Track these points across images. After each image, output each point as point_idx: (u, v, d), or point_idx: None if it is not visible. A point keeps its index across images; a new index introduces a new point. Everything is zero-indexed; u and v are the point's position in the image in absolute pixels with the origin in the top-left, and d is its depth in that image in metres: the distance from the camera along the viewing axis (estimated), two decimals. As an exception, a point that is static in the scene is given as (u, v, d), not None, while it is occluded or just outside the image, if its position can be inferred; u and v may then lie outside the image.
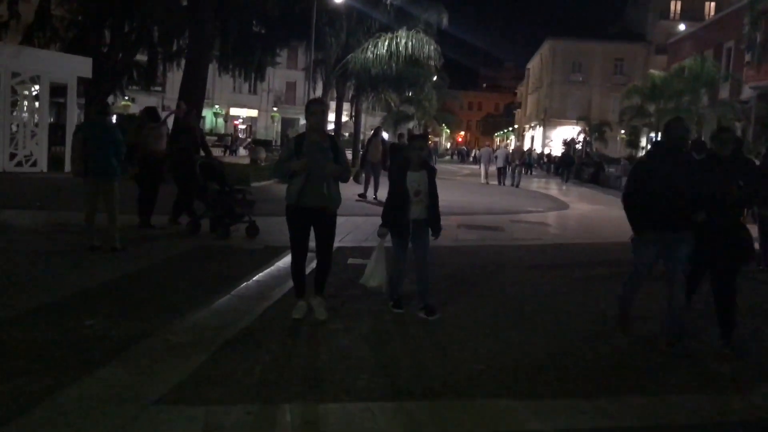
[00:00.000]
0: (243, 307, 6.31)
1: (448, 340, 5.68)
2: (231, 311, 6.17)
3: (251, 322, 5.81)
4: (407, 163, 6.32)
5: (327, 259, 6.14)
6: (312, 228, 5.94)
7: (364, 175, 18.04)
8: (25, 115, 20.31)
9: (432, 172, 6.37)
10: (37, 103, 20.78)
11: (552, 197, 24.17)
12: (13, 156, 19.38)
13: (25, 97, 20.27)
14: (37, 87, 20.54)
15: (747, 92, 36.08)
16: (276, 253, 9.03)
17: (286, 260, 8.78)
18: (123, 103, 51.25)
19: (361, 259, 8.49)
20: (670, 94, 38.61)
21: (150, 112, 11.52)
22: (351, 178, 17.32)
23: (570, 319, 6.70)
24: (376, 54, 26.14)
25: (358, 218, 12.61)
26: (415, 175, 6.25)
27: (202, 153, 11.42)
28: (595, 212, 19.02)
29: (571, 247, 11.66)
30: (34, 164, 19.92)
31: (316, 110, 5.92)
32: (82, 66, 21.06)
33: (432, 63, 27.38)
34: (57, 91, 22.12)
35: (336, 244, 9.87)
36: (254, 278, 7.61)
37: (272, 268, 8.28)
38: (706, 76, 36.90)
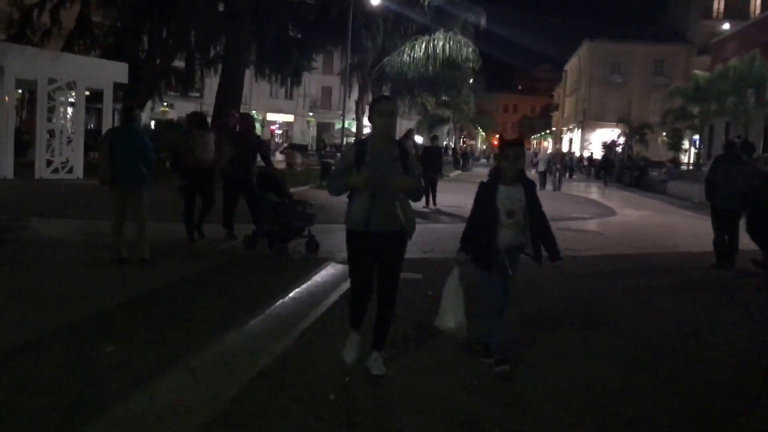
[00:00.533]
0: (278, 329, 5.82)
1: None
2: (265, 334, 5.68)
3: (287, 347, 5.30)
4: (497, 175, 5.02)
5: (392, 304, 4.86)
6: (377, 257, 4.77)
7: None
8: (62, 122, 20.19)
9: (531, 187, 5.02)
10: (71, 110, 20.70)
11: (596, 202, 23.42)
12: (49, 163, 19.27)
13: (62, 104, 20.13)
14: (74, 93, 20.47)
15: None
16: (313, 266, 8.57)
17: (323, 273, 8.37)
18: (162, 109, 51.72)
19: (413, 273, 7.96)
20: (715, 96, 37.44)
21: (196, 118, 10.83)
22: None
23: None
24: (413, 57, 25.67)
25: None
26: (509, 190, 4.93)
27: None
28: (644, 219, 18.26)
29: (627, 259, 10.99)
30: (70, 171, 19.79)
31: (384, 110, 4.72)
32: (118, 72, 20.92)
33: (470, 65, 26.77)
34: (96, 97, 22.05)
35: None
36: (290, 294, 7.13)
37: (309, 282, 7.83)
38: (754, 77, 35.70)
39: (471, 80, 40.88)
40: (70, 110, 21.06)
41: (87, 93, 24.68)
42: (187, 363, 4.78)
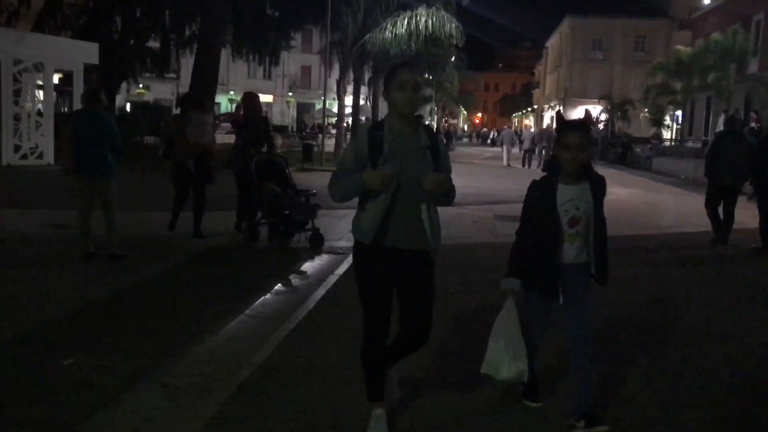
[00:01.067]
0: (260, 331, 5.26)
1: None
2: (245, 339, 5.10)
3: (270, 355, 4.72)
4: (553, 169, 3.77)
5: (423, 342, 3.60)
6: (397, 283, 3.54)
7: None
8: (30, 105, 19.34)
9: (601, 186, 3.77)
10: (41, 92, 19.85)
11: (583, 181, 22.97)
12: (17, 148, 18.41)
13: (30, 86, 19.26)
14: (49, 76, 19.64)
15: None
16: (298, 257, 8.03)
17: (309, 266, 7.82)
18: (138, 91, 50.68)
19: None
20: (697, 71, 37.20)
21: (191, 100, 9.87)
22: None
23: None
24: (395, 34, 24.89)
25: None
26: (571, 191, 3.67)
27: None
28: (634, 197, 17.85)
29: (625, 240, 10.54)
30: (40, 156, 18.95)
31: (405, 81, 3.36)
32: (88, 52, 20.01)
33: (454, 42, 26.08)
34: (69, 79, 21.17)
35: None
36: (273, 289, 6.60)
37: (294, 276, 7.29)
38: (737, 51, 35.47)
39: (453, 58, 40.24)
40: (40, 93, 20.21)
41: (61, 76, 23.86)
42: (158, 378, 4.21)
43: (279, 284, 6.84)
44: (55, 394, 3.93)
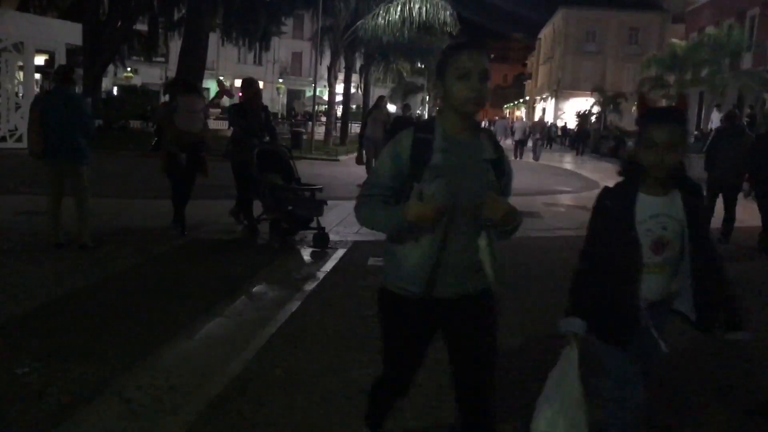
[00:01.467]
0: (239, 336, 4.80)
1: None
2: (221, 345, 4.63)
3: (248, 364, 4.25)
4: (632, 173, 2.79)
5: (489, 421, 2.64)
6: (443, 337, 2.68)
7: (365, 154, 14.88)
8: (9, 86, 18.73)
9: (698, 196, 2.80)
10: (21, 74, 19.25)
11: (577, 174, 22.68)
12: (-8, 129, 17.87)
13: (9, 66, 18.64)
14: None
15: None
16: (286, 253, 7.57)
17: (294, 262, 7.37)
18: (125, 74, 49.94)
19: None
20: (692, 65, 36.97)
21: (179, 84, 9.04)
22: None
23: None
24: (388, 20, 24.37)
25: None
26: (657, 203, 2.72)
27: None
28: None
29: None
30: (20, 139, 18.33)
31: (467, 69, 2.46)
32: (71, 32, 19.42)
33: (448, 30, 25.58)
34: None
35: (352, 238, 8.61)
36: (255, 288, 6.15)
37: (277, 272, 6.84)
38: (732, 45, 35.21)
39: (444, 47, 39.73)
40: (21, 74, 19.61)
41: (47, 57, 23.20)
42: (119, 390, 3.76)
43: (262, 283, 6.38)
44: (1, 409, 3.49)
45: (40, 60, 21.90)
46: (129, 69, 49.26)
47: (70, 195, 7.11)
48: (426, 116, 50.40)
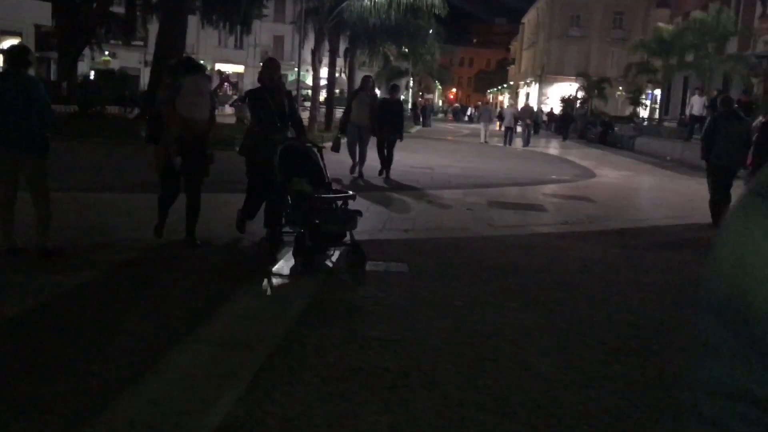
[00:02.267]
0: (221, 369, 3.94)
1: None
2: (199, 383, 3.75)
3: (229, 409, 3.40)
4: None
5: None
6: None
7: (347, 140, 13.23)
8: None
9: None
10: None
11: (569, 161, 22.08)
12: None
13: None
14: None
15: (760, 47, 34.11)
16: (282, 260, 6.70)
17: (291, 272, 6.45)
18: (103, 58, 48.72)
19: (383, 262, 6.41)
20: (679, 49, 36.56)
21: (183, 63, 7.22)
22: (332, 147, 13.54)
23: None
24: (374, 2, 23.67)
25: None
26: None
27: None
28: (626, 180, 16.91)
29: (644, 233, 9.52)
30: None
31: None
32: (38, 12, 18.45)
33: (436, 12, 24.91)
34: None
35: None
36: (242, 306, 5.25)
37: (272, 286, 6.04)
38: (721, 29, 34.81)
39: (431, 31, 39.10)
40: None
41: (19, 39, 22.23)
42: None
43: (251, 299, 5.53)
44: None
45: (13, 43, 20.89)
46: (107, 53, 48.10)
47: (27, 191, 6.22)
48: (409, 102, 49.63)
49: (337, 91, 38.22)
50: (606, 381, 3.98)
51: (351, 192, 6.94)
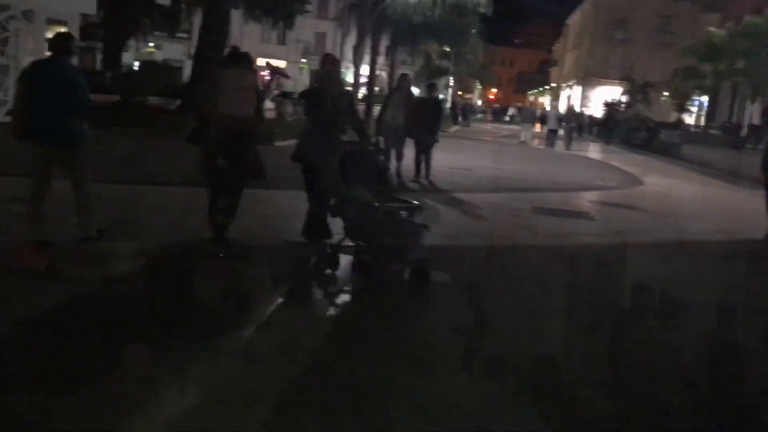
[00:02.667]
0: (232, 393, 3.52)
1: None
2: (204, 413, 3.29)
3: None
4: None
5: None
6: None
7: (383, 143, 11.81)
8: (19, 57, 17.74)
9: None
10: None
11: (614, 167, 21.41)
12: (3, 103, 16.82)
13: (18, 36, 17.65)
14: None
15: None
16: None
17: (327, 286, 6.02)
18: (148, 49, 49.18)
19: (437, 273, 5.91)
20: (732, 54, 35.53)
21: (237, 56, 6.73)
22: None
23: None
24: (418, -1, 23.36)
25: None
26: None
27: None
28: (677, 189, 16.29)
29: (708, 245, 9.01)
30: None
31: None
32: (84, 2, 18.39)
33: (481, 10, 24.50)
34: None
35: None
36: (244, 331, 4.57)
37: (295, 301, 5.57)
38: (780, 35, 33.76)
39: (473, 30, 38.70)
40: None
41: (65, 28, 22.30)
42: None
43: (254, 324, 4.68)
44: None
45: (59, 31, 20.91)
46: (151, 44, 48.53)
47: (66, 180, 5.98)
48: (449, 101, 49.07)
49: (377, 88, 38.01)
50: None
51: (417, 203, 6.26)
